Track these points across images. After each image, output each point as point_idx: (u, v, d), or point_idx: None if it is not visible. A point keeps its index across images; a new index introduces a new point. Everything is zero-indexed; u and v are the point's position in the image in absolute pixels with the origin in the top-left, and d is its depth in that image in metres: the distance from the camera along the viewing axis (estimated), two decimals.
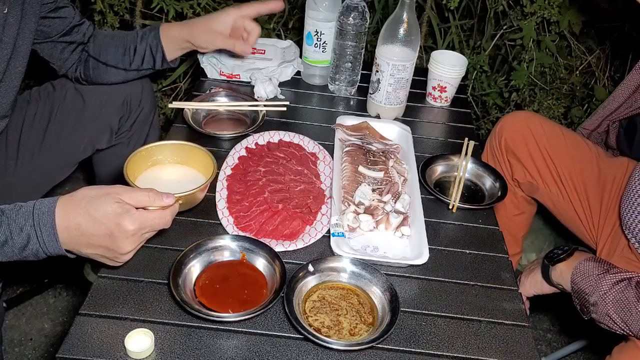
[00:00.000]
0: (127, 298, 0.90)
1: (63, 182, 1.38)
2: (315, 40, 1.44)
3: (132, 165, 0.99)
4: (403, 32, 1.28)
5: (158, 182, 1.01)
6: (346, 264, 0.95)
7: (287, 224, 1.04)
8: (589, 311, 1.00)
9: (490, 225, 1.11)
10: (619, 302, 0.95)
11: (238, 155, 1.20)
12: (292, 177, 1.14)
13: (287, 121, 1.37)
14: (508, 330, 0.92)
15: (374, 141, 1.27)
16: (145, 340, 0.81)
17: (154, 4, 1.84)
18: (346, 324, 0.88)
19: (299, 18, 1.93)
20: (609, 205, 1.28)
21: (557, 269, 1.05)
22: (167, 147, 1.05)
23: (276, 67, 1.49)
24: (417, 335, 0.89)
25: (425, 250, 0.99)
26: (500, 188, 1.20)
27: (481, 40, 1.95)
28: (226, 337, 0.86)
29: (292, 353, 0.84)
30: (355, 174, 1.15)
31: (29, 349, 1.53)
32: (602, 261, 1.01)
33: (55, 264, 1.71)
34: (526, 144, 1.38)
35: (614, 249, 1.22)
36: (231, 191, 1.10)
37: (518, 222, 1.51)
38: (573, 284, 1.01)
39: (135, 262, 0.96)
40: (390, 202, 1.10)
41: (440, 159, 1.26)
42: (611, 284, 0.96)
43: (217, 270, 0.93)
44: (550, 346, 1.71)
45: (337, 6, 1.38)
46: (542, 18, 1.78)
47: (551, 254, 1.08)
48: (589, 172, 1.33)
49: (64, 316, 1.63)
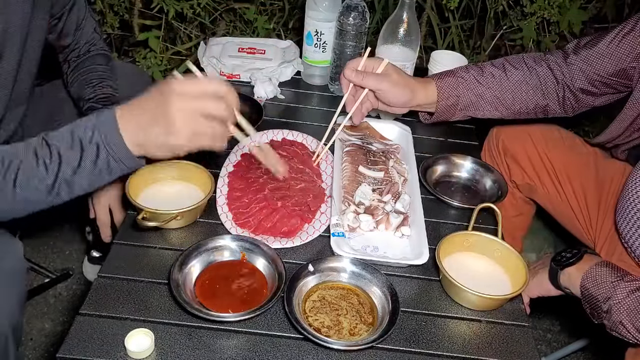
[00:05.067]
0: (127, 298, 0.89)
1: None
2: (315, 40, 1.44)
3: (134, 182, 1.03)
4: (403, 32, 1.28)
5: (159, 198, 1.04)
6: (346, 264, 0.95)
7: (286, 221, 1.04)
8: (600, 317, 0.98)
9: (490, 225, 1.11)
10: (634, 312, 0.93)
11: (241, 152, 1.20)
12: (293, 175, 1.14)
13: (287, 121, 1.37)
14: (508, 330, 0.92)
15: (374, 141, 1.27)
16: (145, 340, 0.81)
17: (154, 4, 1.84)
18: (346, 324, 0.88)
19: (299, 18, 1.93)
20: (606, 206, 1.27)
21: (565, 273, 1.03)
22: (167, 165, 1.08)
23: (276, 67, 1.49)
24: (417, 335, 0.89)
25: (425, 250, 0.99)
26: (500, 188, 1.20)
27: (481, 40, 1.95)
28: (226, 337, 0.86)
29: (292, 353, 0.84)
30: (356, 173, 1.15)
31: (29, 349, 1.53)
32: (616, 267, 0.98)
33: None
34: (524, 146, 1.38)
35: (613, 251, 1.21)
36: (232, 188, 1.11)
37: (517, 223, 1.51)
38: (584, 289, 0.99)
39: (135, 262, 0.96)
40: (391, 202, 1.10)
41: (440, 159, 1.26)
42: (626, 292, 0.93)
43: (217, 270, 0.93)
44: (550, 346, 1.71)
45: (337, 6, 1.38)
46: (542, 18, 1.79)
47: (559, 257, 1.05)
48: (586, 173, 1.33)
49: (64, 316, 1.63)
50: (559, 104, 1.20)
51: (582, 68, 1.16)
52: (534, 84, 1.18)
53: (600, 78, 1.16)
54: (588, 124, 1.98)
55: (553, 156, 1.36)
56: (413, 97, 1.16)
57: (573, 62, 1.17)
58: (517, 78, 1.18)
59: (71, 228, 1.89)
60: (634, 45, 1.11)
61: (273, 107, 1.42)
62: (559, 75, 1.18)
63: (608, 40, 1.14)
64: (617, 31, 1.13)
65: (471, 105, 1.19)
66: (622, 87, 1.17)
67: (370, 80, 1.11)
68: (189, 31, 1.98)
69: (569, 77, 1.17)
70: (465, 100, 1.18)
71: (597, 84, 1.17)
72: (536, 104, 1.20)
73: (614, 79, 1.15)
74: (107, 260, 0.96)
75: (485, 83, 1.18)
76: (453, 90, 1.17)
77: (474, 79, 1.18)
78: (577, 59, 1.17)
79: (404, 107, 1.18)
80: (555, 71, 1.18)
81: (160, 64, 1.97)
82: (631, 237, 1.08)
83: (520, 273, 0.96)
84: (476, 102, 1.19)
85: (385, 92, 1.13)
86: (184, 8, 1.84)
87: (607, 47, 1.14)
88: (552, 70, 1.18)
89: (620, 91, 1.19)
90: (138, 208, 0.98)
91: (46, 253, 1.80)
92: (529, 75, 1.18)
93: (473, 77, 1.18)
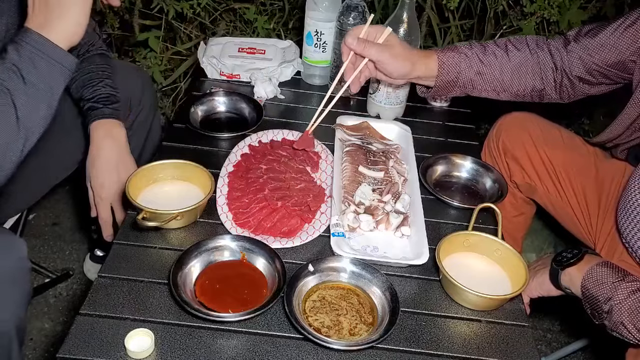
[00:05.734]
0: (127, 298, 0.90)
1: (64, 181, 1.38)
2: (315, 40, 1.44)
3: (134, 182, 1.03)
4: (403, 32, 1.28)
5: (159, 198, 1.05)
6: (346, 264, 0.95)
7: (286, 221, 1.04)
8: (601, 317, 0.98)
9: (490, 225, 1.11)
10: (635, 312, 0.92)
11: (241, 152, 1.20)
12: (293, 175, 1.14)
13: (287, 121, 1.37)
14: (508, 330, 0.92)
15: (374, 141, 1.27)
16: (145, 340, 0.81)
17: (154, 4, 1.84)
18: (346, 324, 0.88)
19: (299, 18, 1.93)
20: (607, 206, 1.27)
21: (566, 274, 1.03)
22: (167, 166, 1.09)
23: (276, 67, 1.49)
24: (417, 335, 0.89)
25: (425, 250, 0.99)
26: (500, 188, 1.20)
27: (481, 40, 1.95)
28: (226, 337, 0.86)
29: (292, 353, 0.84)
30: (356, 173, 1.15)
31: (29, 349, 1.53)
32: (616, 267, 0.98)
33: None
34: (524, 146, 1.38)
35: (613, 251, 1.21)
36: (232, 188, 1.11)
37: (517, 223, 1.51)
38: (584, 289, 0.99)
39: (135, 262, 0.96)
40: (391, 202, 1.10)
41: (440, 159, 1.26)
42: (627, 292, 0.93)
43: (217, 270, 0.93)
44: (550, 346, 1.71)
45: (337, 6, 1.38)
46: (542, 18, 1.78)
47: (560, 258, 1.05)
48: (587, 173, 1.33)
49: (64, 316, 1.63)
50: (556, 90, 1.20)
51: (582, 56, 1.16)
52: (533, 66, 1.18)
53: (598, 68, 1.16)
54: (588, 124, 1.98)
55: (553, 156, 1.36)
56: (413, 69, 1.15)
57: (573, 50, 1.17)
58: (518, 59, 1.18)
59: (71, 228, 1.89)
60: (635, 39, 1.11)
61: (273, 107, 1.42)
62: (558, 61, 1.18)
63: (609, 32, 1.13)
64: (619, 23, 1.13)
65: (470, 83, 1.19)
66: (619, 79, 1.17)
67: (372, 50, 1.10)
68: (189, 31, 1.98)
69: (568, 64, 1.17)
70: (465, 77, 1.18)
71: (595, 74, 1.17)
72: (533, 86, 1.20)
73: (612, 70, 1.15)
74: (107, 260, 0.96)
75: (487, 62, 1.17)
76: (454, 66, 1.17)
77: (476, 56, 1.17)
78: (577, 46, 1.16)
79: (403, 78, 1.17)
80: (555, 57, 1.18)
81: (160, 64, 1.97)
82: (633, 237, 1.08)
83: (520, 273, 0.96)
84: (476, 80, 1.18)
85: (385, 64, 1.12)
86: (184, 8, 1.84)
87: (607, 38, 1.13)
88: (552, 56, 1.18)
89: (616, 82, 1.19)
90: (138, 208, 0.98)
91: (46, 253, 1.80)
92: (530, 57, 1.18)
93: (476, 54, 1.17)
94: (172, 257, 0.97)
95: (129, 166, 1.15)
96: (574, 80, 1.18)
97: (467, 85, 1.19)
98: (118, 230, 1.03)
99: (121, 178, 1.13)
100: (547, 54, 1.18)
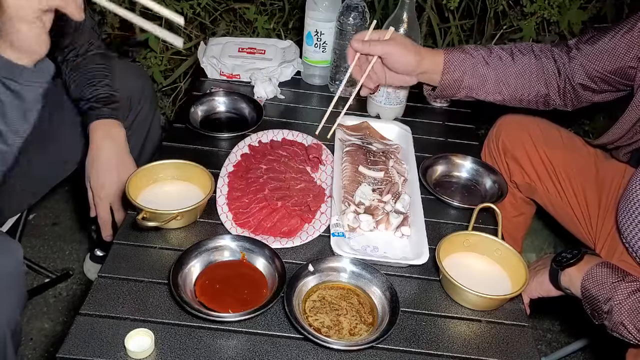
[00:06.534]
0: (127, 298, 0.90)
1: (64, 181, 1.38)
2: (315, 40, 1.44)
3: (134, 182, 1.03)
4: (403, 32, 1.28)
5: (159, 198, 1.05)
6: (346, 264, 0.95)
7: (286, 221, 1.04)
8: (601, 318, 0.98)
9: (490, 226, 1.11)
10: (635, 312, 0.92)
11: (241, 152, 1.20)
12: (293, 175, 1.14)
13: (287, 121, 1.37)
14: (508, 330, 0.92)
15: (374, 141, 1.27)
16: (145, 340, 0.81)
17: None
18: (346, 324, 0.88)
19: (299, 18, 1.93)
20: (607, 207, 1.27)
21: (566, 274, 1.03)
22: (167, 165, 1.09)
23: (276, 67, 1.49)
24: (417, 335, 0.89)
25: (425, 250, 0.99)
26: (500, 188, 1.20)
27: (481, 40, 1.95)
28: (226, 337, 0.86)
29: (292, 353, 0.84)
30: (356, 173, 1.15)
31: (29, 349, 1.53)
32: (616, 268, 0.98)
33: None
34: (524, 146, 1.38)
35: (613, 251, 1.21)
36: (232, 188, 1.11)
37: (517, 223, 1.51)
38: (584, 290, 0.99)
39: (135, 262, 0.96)
40: (391, 202, 1.10)
41: (440, 159, 1.26)
42: (627, 293, 0.93)
43: (217, 270, 0.93)
44: (550, 346, 1.71)
45: (337, 6, 1.38)
46: (542, 18, 1.78)
47: (559, 258, 1.05)
48: (587, 173, 1.33)
49: (64, 316, 1.63)
50: (560, 96, 1.21)
51: (583, 63, 1.17)
52: (538, 72, 1.19)
53: (599, 75, 1.16)
54: (588, 124, 1.97)
55: (553, 156, 1.36)
56: (420, 61, 1.15)
57: (574, 57, 1.18)
58: (523, 64, 1.18)
59: (71, 228, 1.89)
60: (632, 45, 1.11)
61: (273, 107, 1.42)
62: (561, 68, 1.19)
63: (608, 38, 1.14)
64: (617, 30, 1.14)
65: (475, 85, 1.19)
66: (621, 86, 1.18)
67: (377, 46, 1.12)
68: (189, 31, 1.98)
69: (570, 71, 1.18)
70: (470, 78, 1.18)
71: (597, 81, 1.17)
72: (538, 92, 1.20)
73: (613, 77, 1.16)
74: (107, 260, 0.96)
75: (492, 64, 1.18)
76: (460, 65, 1.17)
77: (481, 58, 1.18)
78: (578, 54, 1.17)
79: (411, 74, 1.17)
80: (558, 63, 1.19)
81: (160, 64, 1.96)
82: (633, 237, 1.08)
83: (520, 273, 0.96)
84: (480, 82, 1.19)
85: (392, 55, 1.13)
86: (184, 8, 1.84)
87: (606, 45, 1.14)
88: (556, 62, 1.19)
89: (619, 90, 1.19)
90: (138, 208, 0.98)
91: (46, 253, 1.80)
92: (535, 62, 1.19)
93: (481, 56, 1.18)
94: (172, 257, 0.97)
95: (128, 166, 1.15)
96: (577, 87, 1.19)
97: (472, 87, 1.19)
98: (117, 230, 1.03)
99: (121, 178, 1.13)
100: (550, 59, 1.19)
